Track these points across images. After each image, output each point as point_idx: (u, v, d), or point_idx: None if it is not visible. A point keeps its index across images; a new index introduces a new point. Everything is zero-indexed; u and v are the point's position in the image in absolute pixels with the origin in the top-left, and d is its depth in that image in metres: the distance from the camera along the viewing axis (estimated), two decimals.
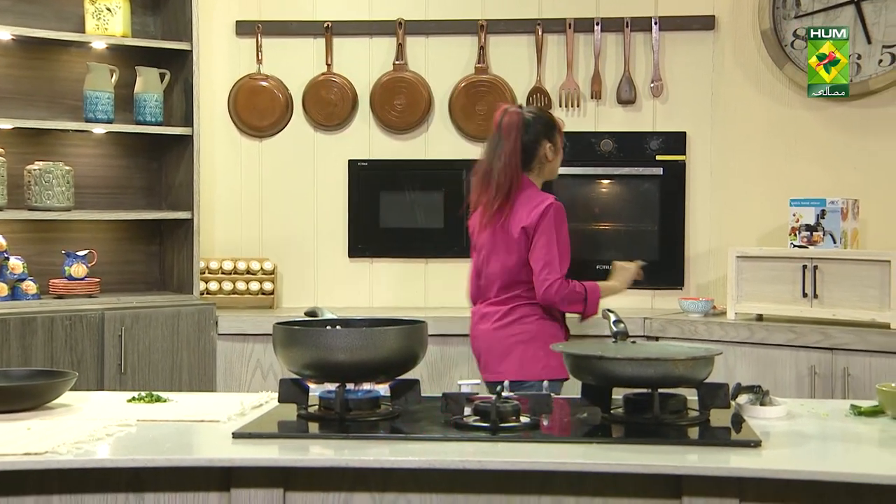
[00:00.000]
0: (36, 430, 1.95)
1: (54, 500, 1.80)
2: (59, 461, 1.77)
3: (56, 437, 1.89)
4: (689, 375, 2.00)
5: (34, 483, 1.80)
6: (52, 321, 3.58)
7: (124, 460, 1.81)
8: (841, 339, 3.48)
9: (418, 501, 1.84)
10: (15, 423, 2.00)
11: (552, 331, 3.12)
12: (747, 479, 1.75)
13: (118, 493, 1.83)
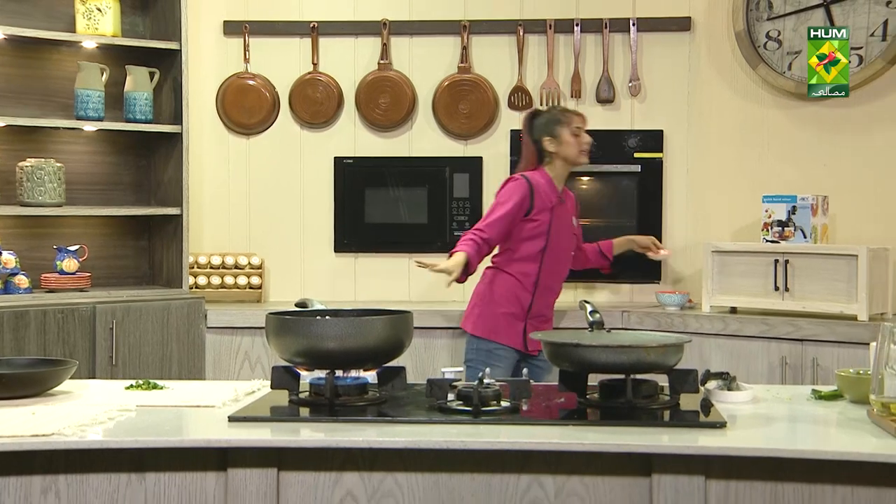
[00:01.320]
0: (40, 414, 2.05)
1: (60, 479, 1.90)
2: (65, 442, 1.87)
3: (60, 420, 1.99)
4: (661, 362, 2.12)
5: (41, 463, 1.90)
6: (44, 314, 3.66)
7: (127, 441, 1.91)
8: (810, 330, 3.62)
9: (405, 480, 1.95)
10: (19, 408, 2.10)
11: (500, 290, 3.55)
12: (713, 457, 1.87)
13: (121, 473, 1.92)
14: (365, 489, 1.95)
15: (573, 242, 3.71)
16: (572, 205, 3.74)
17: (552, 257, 3.58)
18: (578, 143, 3.62)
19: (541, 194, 3.55)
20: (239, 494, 1.93)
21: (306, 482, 1.95)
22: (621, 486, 1.91)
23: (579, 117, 3.66)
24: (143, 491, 1.93)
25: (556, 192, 3.60)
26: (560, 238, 3.60)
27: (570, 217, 3.68)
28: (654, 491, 1.88)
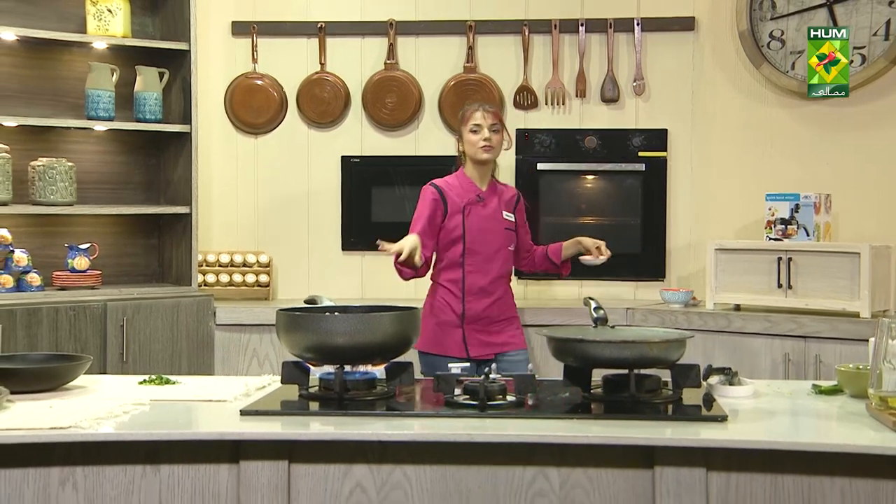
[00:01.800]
0: (57, 408, 2.10)
1: (78, 471, 1.95)
2: (82, 434, 1.92)
3: (77, 414, 2.04)
4: (663, 357, 2.16)
5: (60, 455, 1.95)
6: (56, 312, 3.72)
7: (142, 434, 1.96)
8: (813, 327, 3.66)
9: (413, 472, 2.00)
10: (37, 402, 2.15)
11: (436, 302, 3.48)
12: (714, 449, 1.92)
13: (136, 464, 1.97)
14: (374, 481, 1.99)
15: (504, 240, 3.48)
16: (503, 201, 3.52)
17: (476, 259, 3.42)
18: (476, 141, 3.46)
19: (451, 197, 3.44)
20: (251, 486, 1.98)
21: (317, 474, 2.00)
22: (624, 478, 1.95)
23: (478, 113, 3.48)
24: (158, 482, 1.98)
25: (473, 192, 3.46)
26: (483, 238, 3.44)
27: (495, 214, 3.48)
28: (657, 483, 1.93)
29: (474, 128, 3.46)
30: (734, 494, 1.92)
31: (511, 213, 3.54)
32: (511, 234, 3.53)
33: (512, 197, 3.58)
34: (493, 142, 3.46)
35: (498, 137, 3.48)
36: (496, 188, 3.55)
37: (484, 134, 3.45)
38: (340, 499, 1.99)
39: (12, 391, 2.13)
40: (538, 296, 4.45)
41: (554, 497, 1.97)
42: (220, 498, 1.99)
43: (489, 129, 3.45)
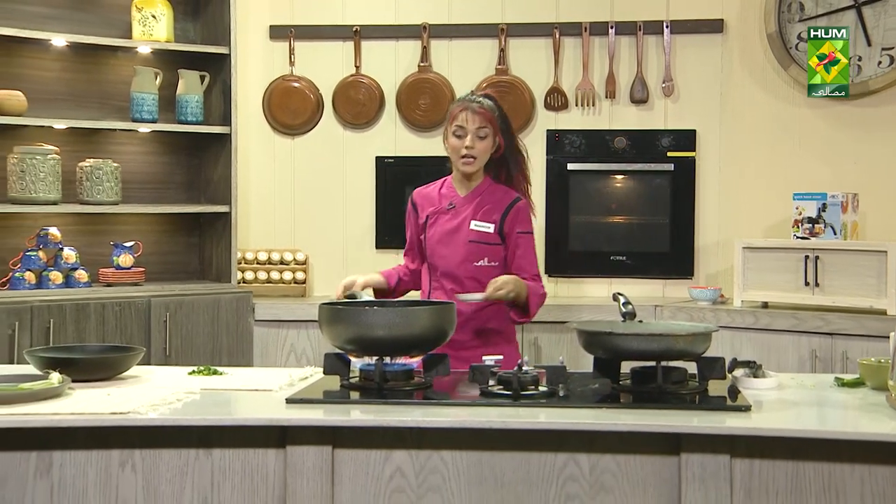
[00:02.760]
0: (115, 395, 2.23)
1: (136, 453, 2.08)
2: (140, 419, 2.04)
3: (133, 401, 2.17)
4: (689, 349, 2.26)
5: (119, 439, 2.08)
6: (103, 307, 3.87)
7: (196, 419, 2.08)
8: (840, 324, 3.73)
9: (450, 458, 2.10)
10: (95, 390, 2.28)
11: None
12: (738, 437, 2.01)
13: (190, 448, 2.10)
14: (413, 465, 2.10)
15: (465, 255, 2.96)
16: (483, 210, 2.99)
17: (437, 276, 3.00)
18: (457, 148, 2.94)
19: (423, 206, 3.08)
20: (297, 469, 2.09)
21: (359, 459, 2.10)
22: (651, 464, 2.05)
23: (464, 113, 2.94)
24: (210, 465, 2.10)
25: (448, 198, 3.03)
26: (441, 252, 2.99)
27: (461, 225, 2.98)
28: (683, 469, 2.02)
29: (457, 130, 2.95)
30: (757, 480, 2.01)
31: (489, 224, 2.97)
32: (480, 247, 2.96)
33: (502, 204, 2.99)
34: (477, 151, 2.93)
35: (484, 145, 2.94)
36: (483, 194, 3.01)
37: (466, 141, 2.93)
38: (381, 482, 2.10)
39: (73, 380, 2.26)
40: (568, 293, 4.54)
41: (584, 482, 2.07)
42: (268, 480, 2.10)
43: (474, 135, 2.93)
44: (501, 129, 3.00)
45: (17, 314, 3.66)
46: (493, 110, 2.98)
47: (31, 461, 2.05)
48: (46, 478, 2.06)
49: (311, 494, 2.08)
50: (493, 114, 2.98)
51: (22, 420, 2.00)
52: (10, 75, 3.98)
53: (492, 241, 2.97)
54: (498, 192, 3.02)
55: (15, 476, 2.05)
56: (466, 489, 2.09)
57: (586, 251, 4.52)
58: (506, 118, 3.05)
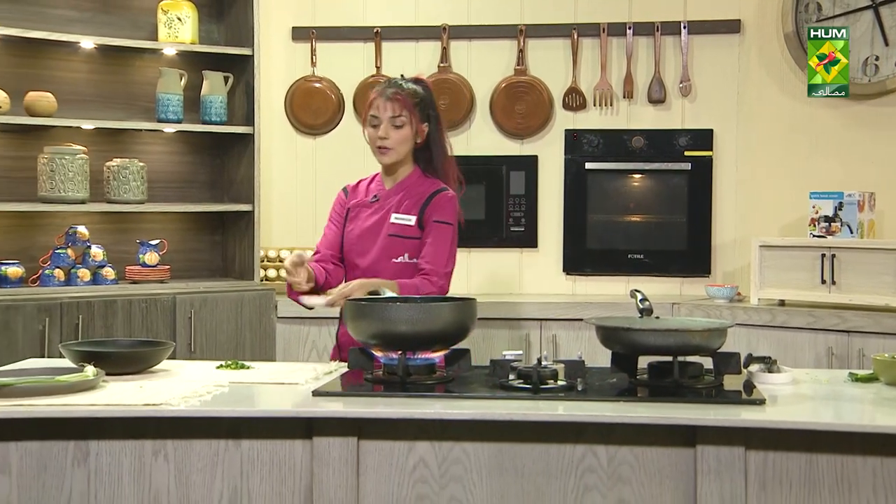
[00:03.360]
0: (147, 388, 2.31)
1: (168, 444, 2.16)
2: (173, 411, 2.12)
3: (165, 393, 2.24)
4: (705, 345, 2.31)
5: (152, 429, 2.15)
6: (130, 304, 3.96)
7: (226, 411, 2.15)
8: (857, 322, 3.77)
9: (471, 449, 2.16)
10: (128, 382, 2.36)
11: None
12: (753, 429, 2.06)
13: (220, 439, 2.17)
14: (436, 456, 2.16)
15: (383, 251, 2.82)
16: (407, 202, 2.83)
17: (355, 275, 2.82)
18: (372, 137, 2.80)
19: (351, 196, 2.96)
20: (323, 460, 2.15)
21: (383, 450, 2.17)
22: (668, 455, 2.10)
23: (379, 100, 2.78)
24: (239, 455, 2.17)
25: (374, 191, 2.91)
26: (359, 248, 2.86)
27: (382, 218, 2.84)
28: (698, 460, 2.07)
29: (372, 120, 2.80)
30: (771, 472, 2.06)
31: (410, 216, 2.82)
32: (402, 242, 2.81)
33: (425, 194, 2.82)
34: (392, 141, 2.77)
35: (401, 134, 2.78)
36: (410, 186, 2.86)
37: (380, 131, 2.78)
38: (405, 472, 2.16)
39: (106, 373, 2.34)
40: (586, 290, 4.60)
41: (602, 473, 2.13)
42: (295, 470, 2.17)
43: (388, 124, 2.77)
44: (426, 117, 2.82)
45: (47, 310, 3.76)
46: (412, 96, 2.79)
47: (69, 450, 2.13)
48: (84, 466, 2.13)
49: (337, 484, 2.14)
50: (413, 100, 2.79)
51: (61, 410, 2.09)
52: (40, 77, 4.08)
53: (412, 234, 2.80)
54: (425, 184, 2.85)
55: (54, 464, 2.13)
56: (487, 479, 2.15)
57: (604, 249, 4.58)
58: (432, 104, 2.85)
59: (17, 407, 2.08)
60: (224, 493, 2.16)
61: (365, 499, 2.15)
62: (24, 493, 2.12)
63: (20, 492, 2.12)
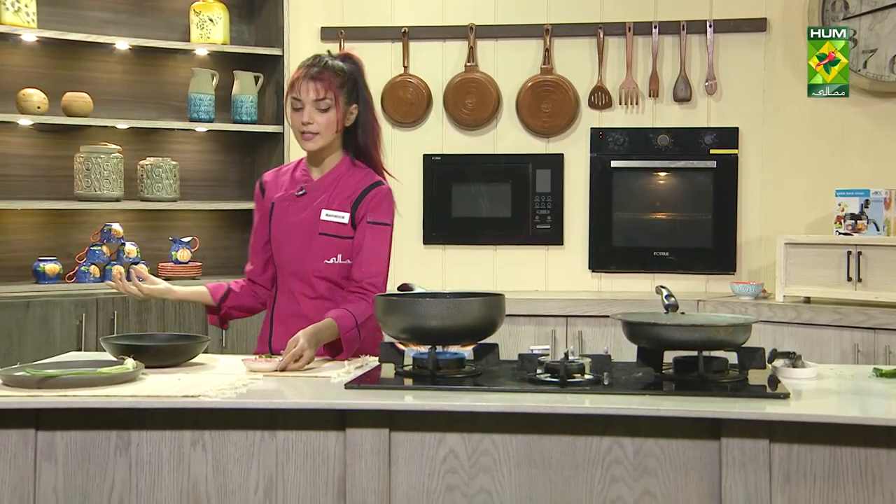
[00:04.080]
0: (185, 380, 2.37)
1: (206, 434, 2.22)
2: (210, 402, 2.18)
3: (202, 385, 2.30)
4: (730, 340, 2.34)
5: (190, 420, 2.21)
6: (163, 301, 4.01)
7: (261, 403, 2.21)
8: (883, 319, 3.78)
9: (500, 440, 2.21)
10: (166, 375, 2.43)
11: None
12: (777, 422, 2.09)
13: (255, 430, 2.23)
14: (465, 448, 2.21)
15: (314, 250, 2.62)
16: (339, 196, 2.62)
17: (283, 275, 2.67)
18: (295, 124, 2.56)
19: (271, 191, 2.71)
20: (356, 451, 2.20)
21: (414, 441, 2.21)
22: (693, 448, 2.14)
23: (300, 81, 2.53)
24: (275, 446, 2.23)
25: (300, 182, 2.66)
26: (286, 246, 2.65)
27: (311, 213, 2.62)
28: (723, 453, 2.11)
29: (295, 103, 2.55)
30: (795, 464, 2.09)
31: (342, 213, 2.61)
32: (335, 241, 2.61)
33: (358, 189, 2.61)
34: (317, 126, 2.53)
35: (326, 118, 2.53)
36: (341, 178, 2.63)
37: (303, 115, 2.53)
38: (435, 463, 2.21)
39: (145, 365, 2.41)
40: (612, 288, 4.63)
41: (628, 464, 2.17)
42: (329, 461, 2.22)
43: (312, 107, 2.53)
44: (354, 97, 2.59)
45: (83, 306, 3.85)
46: (338, 74, 2.55)
47: (111, 440, 2.20)
48: (125, 455, 2.20)
49: (370, 475, 2.19)
50: (338, 79, 2.55)
51: (104, 401, 2.15)
52: (77, 78, 4.18)
53: (345, 233, 2.60)
54: (357, 175, 2.63)
55: (97, 453, 2.20)
56: (516, 470, 2.19)
57: (630, 247, 4.62)
58: (362, 82, 2.63)
59: (62, 398, 2.15)
60: (260, 483, 2.22)
61: (396, 489, 2.19)
62: (69, 481, 2.19)
63: (66, 479, 2.19)
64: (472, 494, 2.18)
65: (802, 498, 2.08)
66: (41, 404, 2.15)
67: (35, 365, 2.37)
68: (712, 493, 2.12)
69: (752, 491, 2.09)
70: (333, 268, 2.62)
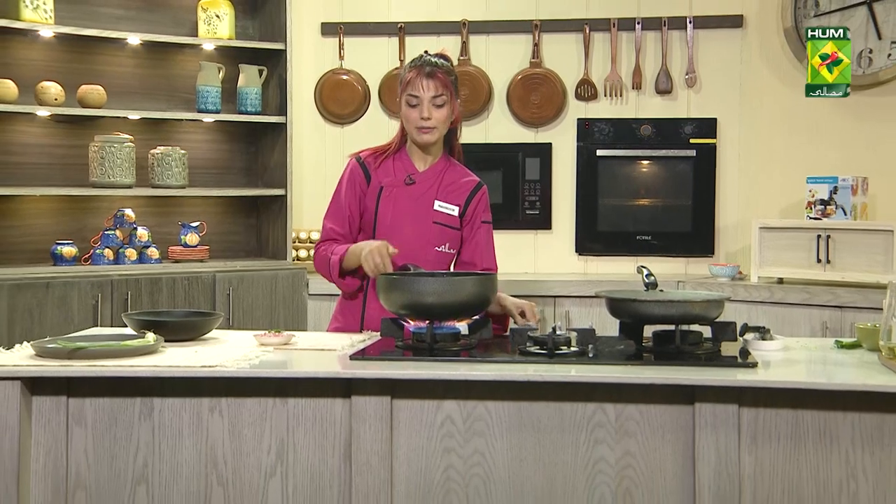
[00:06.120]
0: (201, 353, 2.48)
1: (223, 401, 2.32)
2: (227, 371, 2.28)
3: (217, 357, 2.41)
4: (704, 314, 2.46)
5: (208, 388, 2.32)
6: (173, 281, 4.14)
7: (274, 372, 2.32)
8: (849, 298, 3.90)
9: (493, 407, 2.31)
10: (184, 348, 2.54)
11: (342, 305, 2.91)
12: (745, 388, 2.21)
13: (268, 397, 2.33)
14: (461, 413, 2.32)
15: (429, 236, 2.73)
16: (446, 189, 2.76)
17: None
18: (413, 118, 2.64)
19: (378, 174, 2.73)
20: (361, 416, 2.31)
21: (414, 407, 2.31)
22: (669, 412, 2.26)
23: (418, 80, 2.61)
24: (286, 412, 2.34)
25: (407, 171, 2.74)
26: (399, 231, 2.71)
27: (423, 201, 2.73)
28: (697, 416, 2.22)
29: (411, 100, 2.64)
30: (762, 427, 2.22)
31: (453, 206, 2.74)
32: (446, 231, 2.72)
33: (467, 187, 2.76)
34: (435, 121, 2.64)
35: (442, 113, 2.64)
36: (444, 172, 2.76)
37: (423, 111, 2.62)
38: (434, 428, 2.32)
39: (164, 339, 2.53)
40: (597, 269, 4.74)
41: (610, 427, 2.28)
42: (336, 426, 2.33)
43: (430, 103, 2.62)
44: (457, 94, 2.69)
45: (98, 287, 3.95)
46: (448, 73, 2.66)
47: (136, 406, 2.31)
48: (149, 420, 2.31)
49: (373, 438, 2.29)
50: (450, 77, 2.66)
51: (129, 371, 2.26)
52: (91, 71, 4.25)
53: (454, 224, 2.73)
54: (458, 172, 2.78)
55: (123, 418, 2.31)
56: (507, 434, 2.29)
57: (614, 231, 4.72)
58: (458, 81, 2.73)
59: (90, 367, 2.26)
60: (272, 446, 2.32)
61: (398, 451, 2.29)
62: (98, 443, 2.30)
63: (95, 442, 2.30)
64: (466, 456, 2.28)
65: (768, 457, 2.21)
66: (72, 373, 2.26)
67: (65, 338, 2.48)
68: (686, 453, 2.23)
69: (723, 451, 2.20)
70: (441, 255, 2.74)
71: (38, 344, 2.36)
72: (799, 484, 2.20)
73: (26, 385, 2.25)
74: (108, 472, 2.30)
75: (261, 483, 2.30)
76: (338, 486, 2.29)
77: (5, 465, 2.22)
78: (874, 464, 2.17)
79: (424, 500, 2.29)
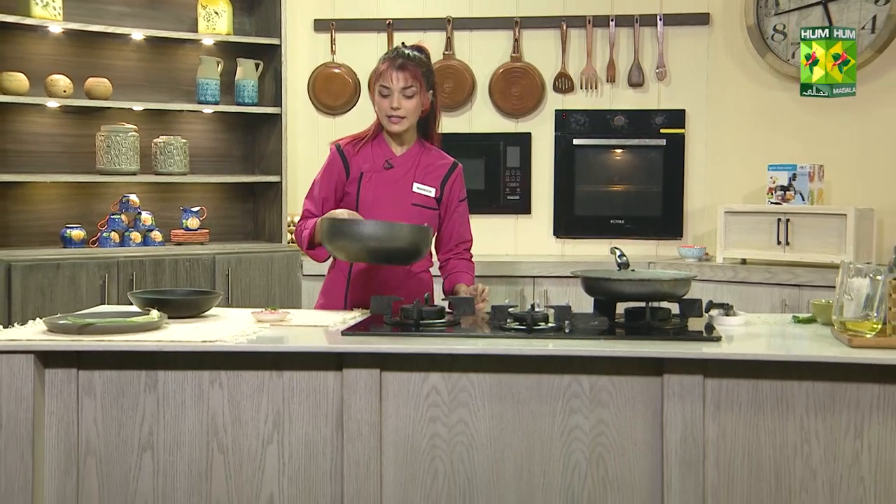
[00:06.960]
0: (202, 329, 2.48)
1: (222, 374, 2.32)
2: (226, 346, 2.29)
3: (217, 332, 2.42)
4: (672, 292, 2.48)
5: (209, 362, 2.32)
6: (175, 263, 4.13)
7: (270, 347, 2.32)
8: (807, 277, 3.94)
9: (476, 378, 2.32)
10: (185, 325, 2.54)
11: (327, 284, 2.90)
12: (710, 360, 2.23)
13: (265, 370, 2.33)
14: (445, 385, 2.33)
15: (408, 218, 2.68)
16: (423, 171, 2.74)
17: None
18: (384, 108, 2.63)
19: (354, 159, 2.73)
20: (352, 388, 2.31)
21: (402, 379, 2.32)
22: (639, 383, 2.28)
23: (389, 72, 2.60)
24: (281, 384, 2.34)
25: (385, 156, 2.73)
26: (379, 213, 2.68)
27: (402, 184, 2.71)
28: (665, 387, 2.25)
29: (383, 90, 2.63)
30: (725, 395, 2.24)
31: (431, 188, 2.73)
32: (424, 211, 2.70)
33: (442, 169, 2.74)
34: (404, 110, 2.61)
35: (412, 104, 2.62)
36: (420, 155, 2.74)
37: (393, 101, 2.61)
38: (420, 398, 2.33)
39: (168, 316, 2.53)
40: (574, 252, 4.77)
41: (585, 398, 2.30)
42: (328, 397, 2.34)
43: (400, 94, 2.61)
44: (430, 85, 2.67)
45: (105, 268, 3.94)
46: (419, 64, 2.65)
47: (141, 378, 2.31)
48: (153, 392, 2.31)
49: (364, 408, 2.30)
50: (421, 69, 2.64)
51: (134, 345, 2.27)
52: (98, 65, 4.23)
53: (432, 205, 2.72)
54: (434, 155, 2.76)
55: (129, 390, 2.31)
56: (489, 404, 2.31)
57: (589, 216, 4.74)
58: (433, 72, 2.71)
59: (99, 342, 2.26)
60: (269, 415, 2.33)
61: (387, 420, 2.30)
62: (106, 413, 2.30)
63: (104, 411, 2.30)
64: (451, 425, 2.30)
65: (730, 423, 2.23)
66: (82, 347, 2.26)
67: (75, 315, 2.48)
68: (655, 421, 2.25)
69: (689, 418, 2.23)
70: None
71: (50, 320, 2.35)
72: (758, 448, 2.22)
73: (39, 358, 2.25)
74: (116, 439, 2.30)
75: (258, 450, 2.31)
76: (330, 452, 2.30)
77: (20, 433, 2.23)
78: (826, 428, 2.20)
79: (411, 465, 2.30)
